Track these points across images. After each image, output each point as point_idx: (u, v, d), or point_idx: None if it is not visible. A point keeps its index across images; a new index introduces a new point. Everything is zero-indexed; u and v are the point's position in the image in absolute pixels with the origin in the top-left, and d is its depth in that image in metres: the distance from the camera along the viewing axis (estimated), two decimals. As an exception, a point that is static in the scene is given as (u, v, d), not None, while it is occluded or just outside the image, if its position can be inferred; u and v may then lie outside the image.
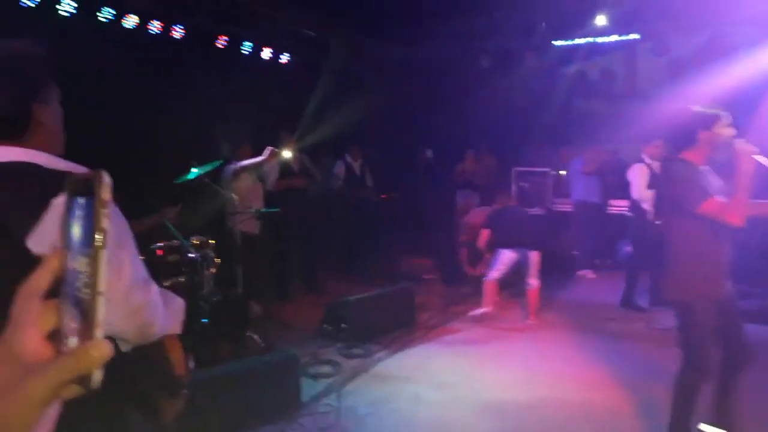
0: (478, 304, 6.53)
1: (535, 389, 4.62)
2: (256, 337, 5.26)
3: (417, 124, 10.36)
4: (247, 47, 8.47)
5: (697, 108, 3.26)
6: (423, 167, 9.66)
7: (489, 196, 8.33)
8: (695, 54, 9.72)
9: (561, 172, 9.62)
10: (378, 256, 8.01)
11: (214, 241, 5.21)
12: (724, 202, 3.09)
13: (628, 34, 9.78)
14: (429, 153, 9.86)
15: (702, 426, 3.45)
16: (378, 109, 9.76)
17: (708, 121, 3.20)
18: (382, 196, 8.65)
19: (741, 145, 3.07)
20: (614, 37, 9.88)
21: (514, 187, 9.50)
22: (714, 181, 3.24)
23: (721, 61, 8.56)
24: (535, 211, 9.02)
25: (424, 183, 9.26)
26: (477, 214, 7.89)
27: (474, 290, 6.98)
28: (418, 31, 10.11)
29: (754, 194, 3.16)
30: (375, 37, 10.24)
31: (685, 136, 3.26)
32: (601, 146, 8.98)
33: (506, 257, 6.38)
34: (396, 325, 5.94)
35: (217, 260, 5.14)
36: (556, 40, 10.06)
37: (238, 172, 6.23)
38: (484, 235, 6.51)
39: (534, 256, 6.31)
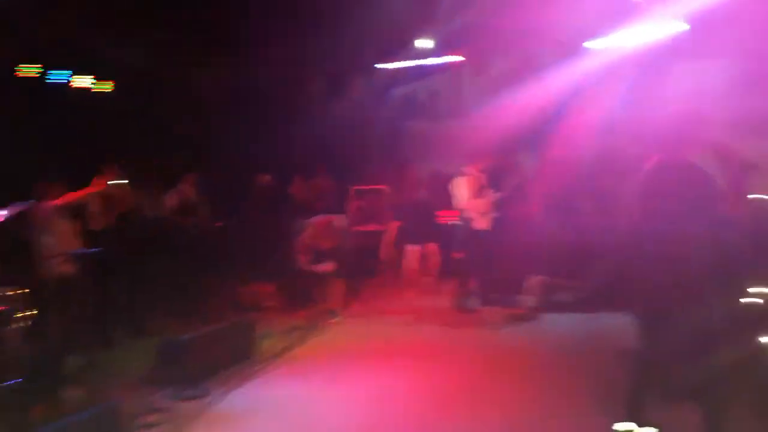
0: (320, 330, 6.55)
1: (381, 409, 4.63)
2: (75, 392, 4.80)
3: (254, 148, 10.19)
4: (58, 76, 7.85)
5: None
6: (260, 192, 9.50)
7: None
8: (512, 72, 10.42)
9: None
10: (215, 287, 7.70)
11: (24, 290, 4.72)
12: None
13: (451, 55, 10.32)
14: (267, 178, 9.74)
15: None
16: (213, 136, 9.52)
17: None
18: (217, 224, 8.36)
19: None
20: (439, 60, 10.41)
21: (351, 206, 9.62)
22: None
23: (532, 77, 9.35)
24: (372, 227, 9.21)
25: (261, 208, 9.10)
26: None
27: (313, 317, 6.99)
28: (248, 57, 10.03)
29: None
30: (205, 65, 10.00)
31: None
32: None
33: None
34: (234, 360, 5.71)
35: (29, 311, 4.66)
36: (381, 63, 10.41)
37: (52, 212, 5.72)
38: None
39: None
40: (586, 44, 8.96)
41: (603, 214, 7.86)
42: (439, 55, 10.33)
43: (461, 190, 7.22)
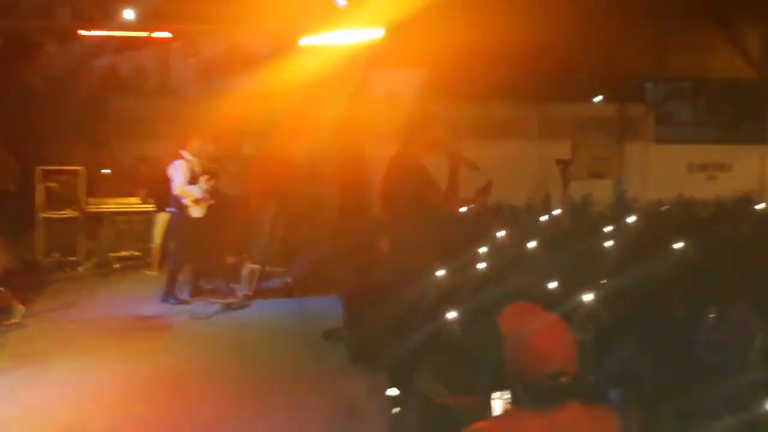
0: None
1: (79, 406, 4.22)
2: None
3: None
4: None
5: None
6: None
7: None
8: (224, 57, 10.28)
9: (104, 170, 9.05)
10: None
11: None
12: None
13: (158, 31, 9.74)
14: None
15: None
16: None
17: None
18: None
19: None
20: (145, 34, 9.74)
21: (39, 188, 8.48)
22: None
23: (245, 66, 9.35)
24: (67, 213, 8.28)
25: None
26: None
27: None
28: None
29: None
30: None
31: None
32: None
33: None
34: None
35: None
36: (82, 29, 9.33)
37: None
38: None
39: None
40: (301, 41, 9.28)
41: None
42: (146, 29, 9.66)
43: (176, 174, 6.90)
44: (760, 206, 9.75)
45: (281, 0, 8.51)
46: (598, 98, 12.85)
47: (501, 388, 2.29)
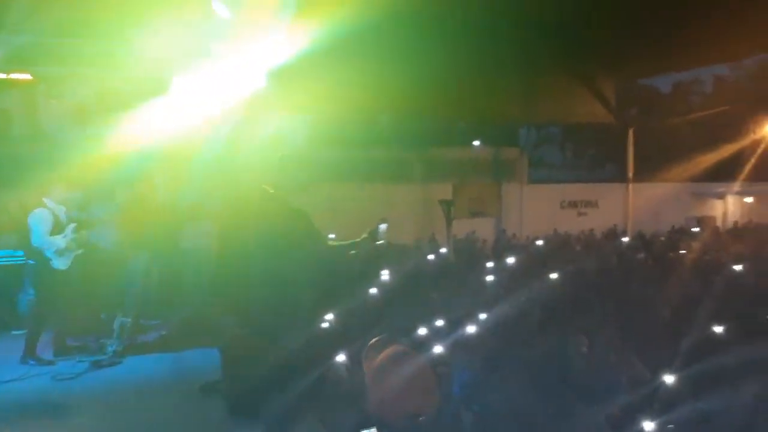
0: None
1: None
2: None
3: None
4: None
5: None
6: None
7: None
8: (95, 100, 9.78)
9: None
10: None
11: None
12: None
13: (17, 72, 9.15)
14: None
15: None
16: None
17: None
18: None
19: None
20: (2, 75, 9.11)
21: None
22: None
23: (117, 109, 8.91)
24: None
25: None
26: None
27: None
28: None
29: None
30: None
31: None
32: None
33: None
34: None
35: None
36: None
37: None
38: None
39: None
40: (173, 80, 9.00)
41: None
42: (5, 71, 9.03)
43: (39, 224, 6.34)
44: (626, 239, 10.54)
45: (153, 41, 8.29)
46: (475, 142, 13.50)
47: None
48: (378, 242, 4.27)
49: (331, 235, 4.60)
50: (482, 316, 5.17)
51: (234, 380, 5.06)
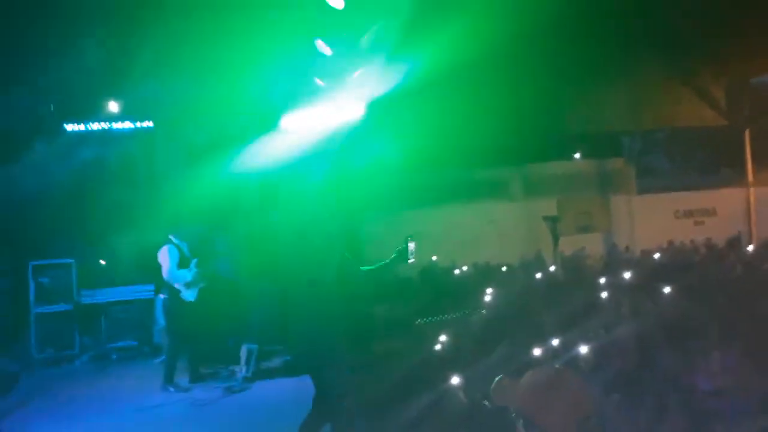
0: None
1: None
2: None
3: None
4: None
5: None
6: None
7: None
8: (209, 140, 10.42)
9: (101, 261, 9.07)
10: None
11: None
12: None
13: (141, 120, 9.96)
14: None
15: None
16: None
17: None
18: None
19: None
20: (128, 123, 9.95)
21: (32, 284, 8.48)
22: None
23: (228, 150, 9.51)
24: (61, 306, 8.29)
25: None
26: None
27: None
28: None
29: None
30: None
31: None
32: None
33: None
34: None
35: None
36: (67, 123, 9.54)
37: None
38: None
39: None
40: (282, 120, 9.53)
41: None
42: (129, 120, 9.89)
43: (166, 260, 6.91)
44: (750, 247, 9.89)
45: (263, 80, 8.83)
46: (576, 155, 13.19)
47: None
48: (409, 261, 4.33)
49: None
50: (599, 336, 5.08)
51: (357, 402, 5.24)
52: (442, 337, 5.84)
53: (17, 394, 6.84)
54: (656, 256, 9.28)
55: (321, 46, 7.97)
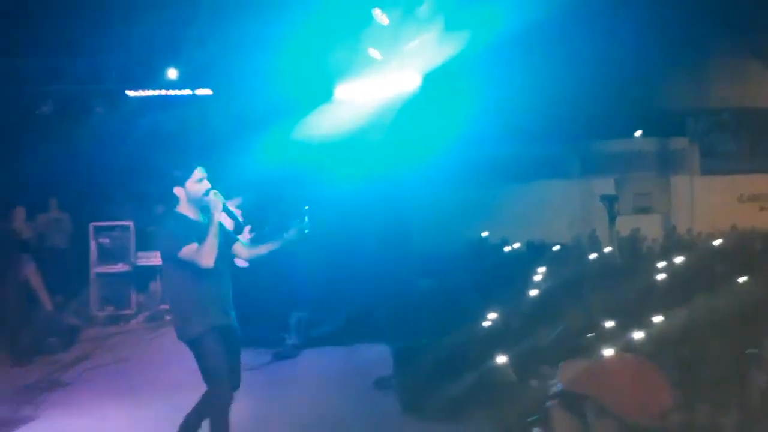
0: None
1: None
2: None
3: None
4: None
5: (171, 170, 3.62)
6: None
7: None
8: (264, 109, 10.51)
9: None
10: None
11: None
12: (197, 247, 3.45)
13: (200, 89, 10.08)
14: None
15: None
16: None
17: (180, 179, 3.56)
18: None
19: (212, 196, 3.56)
20: (187, 91, 10.10)
21: (93, 244, 8.78)
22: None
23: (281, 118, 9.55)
24: (119, 267, 8.54)
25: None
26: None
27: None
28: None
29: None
30: None
31: (166, 196, 3.60)
32: None
33: None
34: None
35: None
36: (128, 89, 9.76)
37: None
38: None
39: None
40: (337, 91, 9.49)
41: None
42: (187, 87, 10.03)
43: (221, 226, 7.01)
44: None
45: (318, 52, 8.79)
46: (638, 133, 12.75)
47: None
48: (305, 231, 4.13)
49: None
50: (655, 322, 4.92)
51: (406, 376, 5.27)
52: (491, 315, 5.78)
53: (78, 349, 7.11)
54: (718, 241, 8.91)
55: (378, 15, 7.86)
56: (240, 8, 8.56)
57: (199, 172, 3.58)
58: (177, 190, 3.55)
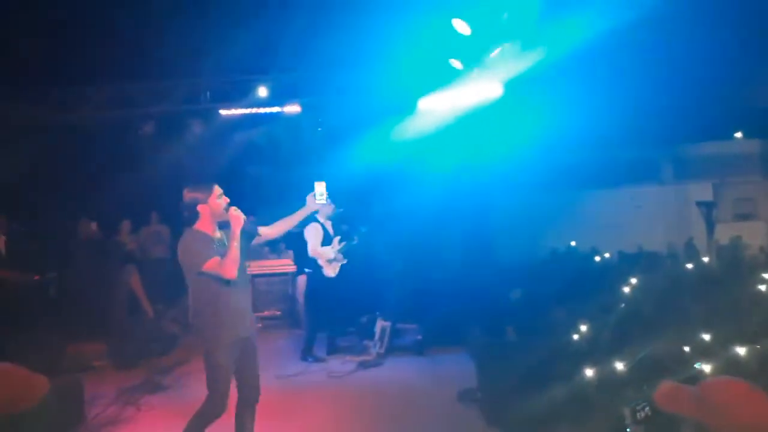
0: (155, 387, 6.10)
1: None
2: None
3: (77, 193, 9.46)
4: None
5: (191, 187, 3.79)
6: (86, 241, 8.74)
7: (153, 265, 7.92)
8: (348, 124, 10.77)
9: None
10: (35, 347, 6.86)
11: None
12: (219, 260, 3.60)
13: (288, 106, 10.47)
14: (93, 225, 9.04)
15: None
16: (25, 176, 8.67)
17: (203, 196, 3.73)
18: (35, 277, 7.54)
19: (233, 212, 3.71)
20: (276, 108, 10.51)
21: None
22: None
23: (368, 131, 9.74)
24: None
25: (87, 258, 8.35)
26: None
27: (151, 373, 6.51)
28: (72, 94, 9.48)
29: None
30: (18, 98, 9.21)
31: (189, 212, 3.75)
32: None
33: None
34: (58, 429, 5.11)
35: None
36: (221, 108, 10.29)
37: None
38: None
39: None
40: (420, 103, 9.57)
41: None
42: (277, 104, 10.44)
43: (311, 237, 7.24)
44: None
45: (399, 63, 8.91)
46: (738, 134, 12.02)
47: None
48: (317, 202, 4.14)
49: None
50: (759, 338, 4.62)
51: (489, 390, 5.22)
52: (580, 327, 5.62)
53: (176, 354, 7.51)
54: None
55: (459, 25, 7.87)
56: (324, 27, 8.84)
57: (218, 189, 3.79)
58: (200, 208, 3.74)
